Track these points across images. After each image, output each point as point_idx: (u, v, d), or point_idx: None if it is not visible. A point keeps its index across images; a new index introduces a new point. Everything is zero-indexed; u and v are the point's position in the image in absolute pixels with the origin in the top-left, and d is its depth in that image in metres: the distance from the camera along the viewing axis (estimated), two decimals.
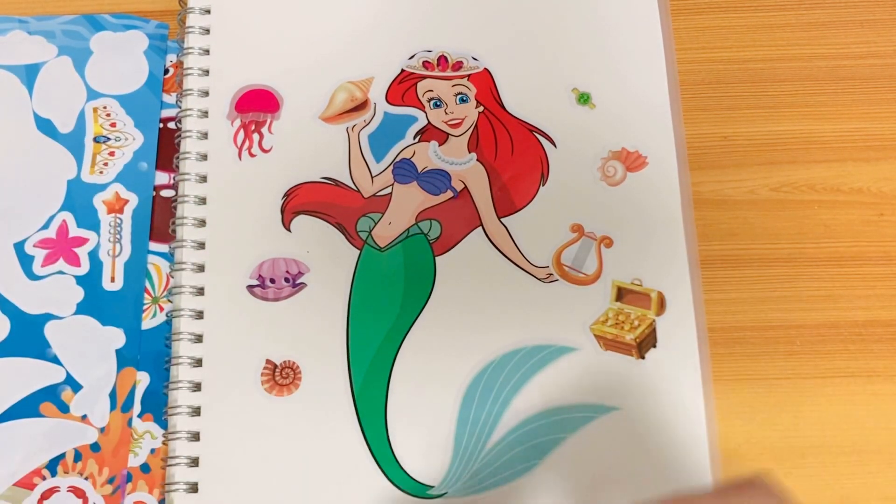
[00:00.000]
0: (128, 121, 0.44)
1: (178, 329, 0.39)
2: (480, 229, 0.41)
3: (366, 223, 0.41)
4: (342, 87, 0.43)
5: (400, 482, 0.37)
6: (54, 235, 0.42)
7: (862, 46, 0.45)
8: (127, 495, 0.38)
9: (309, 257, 0.41)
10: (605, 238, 0.41)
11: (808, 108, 0.44)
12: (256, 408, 0.38)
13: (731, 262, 0.41)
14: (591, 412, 0.38)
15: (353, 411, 0.38)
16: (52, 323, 0.40)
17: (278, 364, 0.39)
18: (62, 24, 0.46)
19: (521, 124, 0.43)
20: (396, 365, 0.39)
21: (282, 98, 0.43)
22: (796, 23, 0.46)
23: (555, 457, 0.38)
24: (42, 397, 0.39)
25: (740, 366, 0.40)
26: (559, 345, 0.39)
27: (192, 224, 0.41)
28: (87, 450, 0.39)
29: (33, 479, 0.38)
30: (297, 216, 0.41)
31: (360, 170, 0.42)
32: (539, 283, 0.40)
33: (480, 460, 0.38)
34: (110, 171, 0.43)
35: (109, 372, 0.40)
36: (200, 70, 0.44)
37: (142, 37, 0.46)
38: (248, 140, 0.43)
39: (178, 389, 0.39)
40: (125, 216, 0.42)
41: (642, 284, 0.40)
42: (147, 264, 0.42)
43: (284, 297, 0.40)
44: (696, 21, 0.46)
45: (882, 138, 0.44)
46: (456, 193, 0.42)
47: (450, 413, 0.38)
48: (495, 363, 0.39)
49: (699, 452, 0.37)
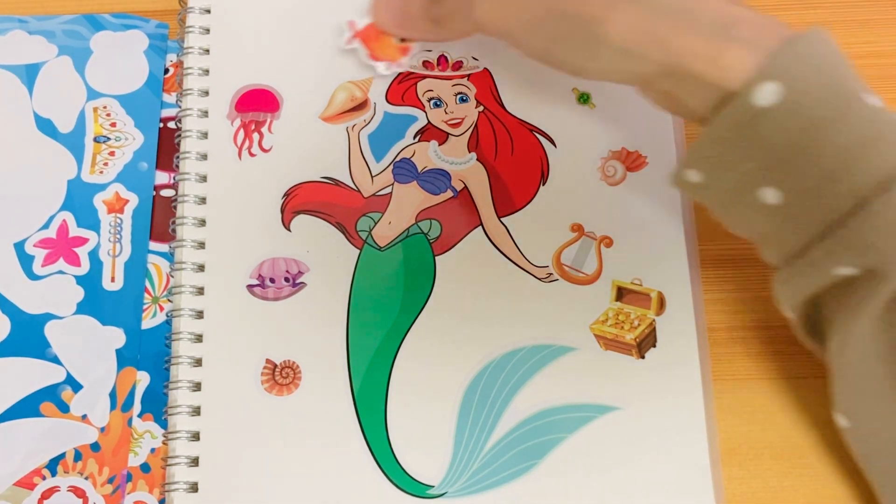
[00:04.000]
0: (128, 121, 0.44)
1: (178, 329, 0.39)
2: (480, 229, 0.41)
3: (366, 223, 0.41)
4: (342, 87, 0.43)
5: (400, 482, 0.37)
6: (54, 235, 0.42)
7: (862, 46, 0.45)
8: (127, 495, 0.38)
9: (309, 257, 0.41)
10: (605, 238, 0.41)
11: None
12: (256, 407, 0.38)
13: (731, 262, 0.41)
14: (591, 412, 0.38)
15: (353, 411, 0.38)
16: (53, 323, 0.40)
17: (278, 364, 0.39)
18: (62, 23, 0.46)
19: (521, 124, 0.43)
20: (396, 364, 0.39)
21: (282, 98, 0.43)
22: (796, 23, 0.45)
23: (555, 457, 0.38)
24: (42, 397, 0.39)
25: (740, 366, 0.40)
26: (559, 344, 0.39)
27: (192, 224, 0.41)
28: (88, 449, 0.39)
29: (33, 479, 0.38)
30: (297, 216, 0.41)
31: (360, 169, 0.42)
32: (539, 282, 0.40)
33: (480, 460, 0.38)
34: (110, 171, 0.43)
35: (109, 372, 0.40)
36: (200, 70, 0.44)
37: (142, 36, 0.46)
38: (248, 139, 0.43)
39: (178, 389, 0.39)
40: (125, 216, 0.42)
41: (642, 284, 0.40)
42: (147, 264, 0.42)
43: (284, 296, 0.40)
44: None
45: None
46: (456, 193, 0.42)
47: (450, 413, 0.38)
48: (495, 363, 0.39)
49: (699, 452, 0.37)
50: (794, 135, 0.29)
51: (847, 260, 0.30)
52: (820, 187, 0.29)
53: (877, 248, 0.29)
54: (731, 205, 0.33)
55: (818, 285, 0.32)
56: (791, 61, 0.29)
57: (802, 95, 0.28)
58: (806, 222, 0.30)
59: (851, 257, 0.30)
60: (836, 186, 0.29)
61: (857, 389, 0.34)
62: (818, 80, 0.29)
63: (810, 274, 0.31)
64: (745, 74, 0.29)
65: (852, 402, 0.34)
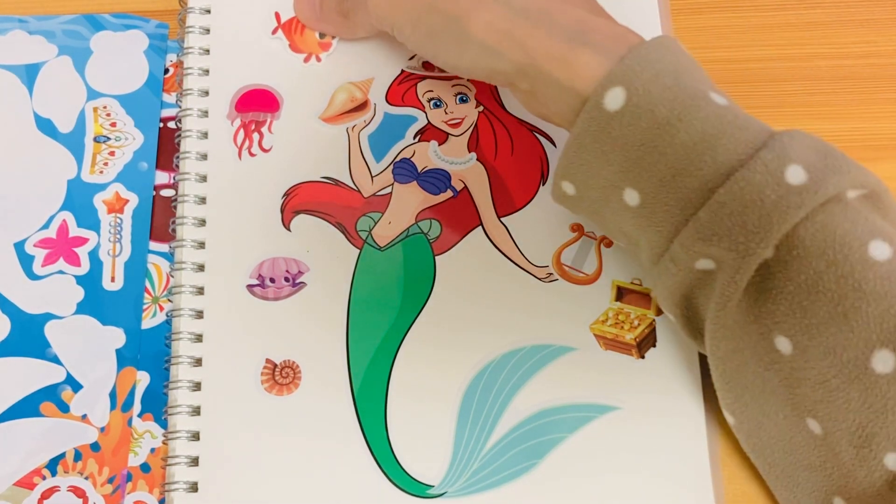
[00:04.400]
0: (128, 120, 0.44)
1: (177, 328, 0.39)
2: (480, 229, 0.41)
3: (366, 223, 0.41)
4: (342, 88, 0.43)
5: (400, 482, 0.37)
6: (54, 235, 0.42)
7: (862, 46, 0.45)
8: (127, 495, 0.38)
9: (309, 257, 0.41)
10: (604, 237, 0.41)
11: (807, 108, 0.44)
12: (256, 407, 0.38)
13: None
14: (591, 412, 0.38)
15: (352, 411, 0.38)
16: (53, 323, 0.40)
17: (278, 363, 0.39)
18: (62, 23, 0.46)
19: (521, 124, 0.43)
20: (396, 364, 0.39)
21: (282, 98, 0.43)
22: (796, 23, 0.46)
23: (555, 456, 0.38)
24: (42, 397, 0.39)
25: None
26: (559, 344, 0.39)
27: (192, 223, 0.41)
28: (88, 449, 0.39)
29: (33, 479, 0.38)
30: (297, 215, 0.41)
31: (360, 169, 0.42)
32: (539, 282, 0.40)
33: (480, 460, 0.38)
34: (110, 171, 0.43)
35: (109, 372, 0.40)
36: (200, 70, 0.44)
37: (142, 36, 0.46)
38: (248, 139, 0.43)
39: (178, 389, 0.39)
40: (125, 216, 0.42)
41: (642, 284, 0.40)
42: (147, 264, 0.42)
43: (284, 296, 0.40)
44: (696, 21, 0.46)
45: (882, 138, 0.44)
46: (456, 193, 0.42)
47: (450, 412, 0.38)
48: (495, 363, 0.39)
49: (699, 452, 0.37)
50: (642, 135, 0.30)
51: (701, 251, 0.31)
52: (672, 183, 0.31)
53: (720, 236, 0.30)
54: (602, 212, 0.34)
55: (684, 283, 0.33)
56: (633, 66, 0.30)
57: (644, 98, 0.30)
58: (664, 218, 0.32)
59: (703, 248, 0.31)
60: (685, 181, 0.30)
61: (736, 384, 0.34)
62: (658, 83, 0.30)
63: (675, 272, 0.32)
64: (595, 80, 0.31)
65: (734, 398, 0.35)
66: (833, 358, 0.30)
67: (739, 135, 0.30)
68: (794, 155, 0.29)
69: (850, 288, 0.29)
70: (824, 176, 0.29)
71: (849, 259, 0.29)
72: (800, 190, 0.29)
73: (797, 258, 0.30)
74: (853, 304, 0.29)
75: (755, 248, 0.30)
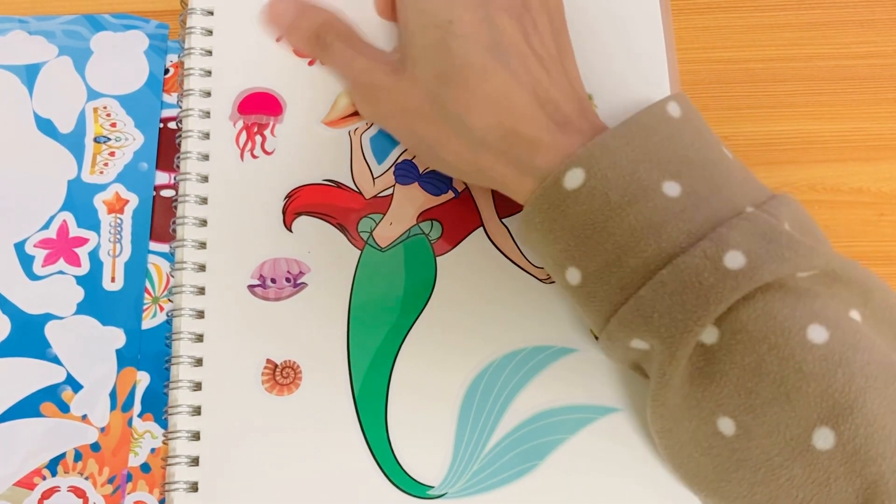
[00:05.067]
0: (128, 121, 0.44)
1: (178, 328, 0.39)
2: (481, 230, 0.41)
3: (367, 224, 0.41)
4: (346, 92, 0.43)
5: (400, 482, 0.37)
6: (54, 235, 0.42)
7: (862, 46, 0.45)
8: (127, 495, 0.38)
9: (310, 257, 0.41)
10: None
11: (808, 108, 0.44)
12: (257, 407, 0.38)
13: None
14: (592, 413, 0.38)
15: (353, 411, 0.38)
16: (53, 323, 0.40)
17: (279, 364, 0.39)
18: (62, 24, 0.46)
19: None
20: (397, 365, 0.39)
21: (284, 102, 0.43)
22: (796, 23, 0.46)
23: (555, 458, 0.38)
24: (42, 397, 0.39)
25: None
26: (559, 345, 0.39)
27: (192, 223, 0.41)
28: (88, 449, 0.39)
29: (33, 479, 0.38)
30: (299, 217, 0.41)
31: (361, 171, 0.42)
32: (540, 283, 0.40)
33: (480, 461, 0.38)
34: (110, 171, 0.43)
35: (109, 372, 0.40)
36: (203, 70, 0.44)
37: (142, 37, 0.46)
38: (250, 142, 0.42)
39: (179, 389, 0.39)
40: (125, 216, 0.42)
41: None
42: (147, 264, 0.42)
43: (285, 296, 0.40)
44: (697, 21, 0.46)
45: (882, 138, 0.44)
46: (457, 194, 0.42)
47: (450, 413, 0.38)
48: (496, 363, 0.39)
49: None
50: (594, 215, 0.33)
51: (636, 330, 0.33)
52: (616, 263, 0.32)
53: (661, 313, 0.32)
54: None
55: (626, 358, 0.35)
56: (594, 152, 0.33)
57: (601, 181, 0.32)
58: (604, 297, 0.33)
59: (639, 326, 0.32)
60: (629, 261, 0.32)
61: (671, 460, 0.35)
62: (616, 169, 0.32)
63: (614, 348, 0.34)
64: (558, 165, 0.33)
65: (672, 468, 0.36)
66: (777, 436, 0.31)
67: (683, 226, 0.32)
68: (734, 242, 0.31)
69: (791, 370, 0.30)
70: (763, 263, 0.30)
71: (789, 343, 0.30)
72: (736, 274, 0.30)
73: (741, 342, 0.31)
74: (795, 384, 0.30)
75: (692, 325, 0.31)
